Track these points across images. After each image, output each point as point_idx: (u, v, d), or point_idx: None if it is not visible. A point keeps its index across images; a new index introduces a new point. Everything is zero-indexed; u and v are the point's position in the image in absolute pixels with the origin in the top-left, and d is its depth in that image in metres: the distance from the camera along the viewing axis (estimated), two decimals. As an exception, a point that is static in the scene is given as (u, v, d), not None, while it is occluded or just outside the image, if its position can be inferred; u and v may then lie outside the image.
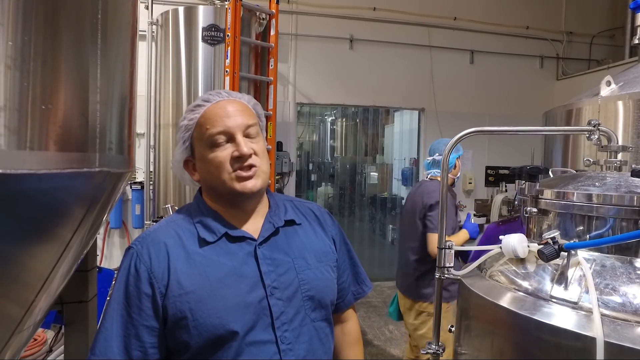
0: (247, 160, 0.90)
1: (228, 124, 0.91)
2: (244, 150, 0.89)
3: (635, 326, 0.93)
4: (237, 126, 0.91)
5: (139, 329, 0.84)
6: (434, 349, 1.52)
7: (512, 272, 1.20)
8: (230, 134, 0.91)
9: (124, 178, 1.06)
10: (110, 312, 0.86)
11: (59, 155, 0.70)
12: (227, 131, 0.91)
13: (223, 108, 0.93)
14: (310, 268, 0.96)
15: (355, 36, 5.38)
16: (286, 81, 5.20)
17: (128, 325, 0.85)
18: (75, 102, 0.75)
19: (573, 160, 1.70)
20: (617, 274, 1.02)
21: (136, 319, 0.85)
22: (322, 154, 7.74)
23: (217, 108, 0.94)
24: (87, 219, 0.91)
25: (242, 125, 0.92)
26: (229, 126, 0.91)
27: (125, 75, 1.04)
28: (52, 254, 0.85)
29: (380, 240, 6.57)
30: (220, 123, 0.91)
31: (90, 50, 0.80)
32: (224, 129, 0.91)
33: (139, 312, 0.85)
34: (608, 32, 6.05)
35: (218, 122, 0.92)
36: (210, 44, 3.59)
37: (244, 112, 0.94)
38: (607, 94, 1.64)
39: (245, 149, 0.90)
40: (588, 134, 1.30)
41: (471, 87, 5.71)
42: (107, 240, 4.82)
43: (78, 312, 1.44)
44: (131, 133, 1.12)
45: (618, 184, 1.13)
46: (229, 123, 0.91)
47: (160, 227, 0.95)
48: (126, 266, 0.88)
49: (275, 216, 0.99)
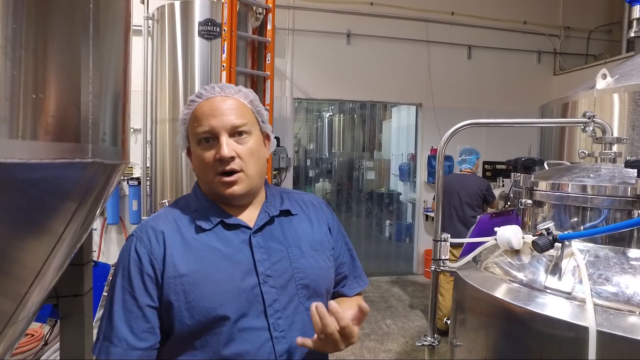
0: (229, 164, 0.90)
1: (213, 124, 0.90)
2: (224, 153, 0.88)
3: (628, 315, 0.94)
4: (223, 126, 0.90)
5: (145, 309, 0.86)
6: (430, 341, 1.53)
7: (507, 263, 1.21)
8: (215, 134, 0.90)
9: (118, 170, 1.06)
10: (115, 298, 0.87)
11: (50, 145, 0.70)
12: (211, 131, 0.91)
13: (212, 106, 0.92)
14: (305, 257, 0.97)
15: (352, 31, 5.37)
16: (283, 76, 5.19)
17: (133, 308, 0.86)
18: (67, 92, 0.75)
19: (569, 153, 1.71)
20: (611, 265, 1.03)
21: (141, 300, 0.86)
22: (320, 149, 7.73)
23: (206, 106, 0.93)
24: (80, 211, 0.90)
25: (228, 125, 0.91)
26: (213, 126, 0.90)
27: (119, 67, 1.03)
28: (44, 246, 0.84)
29: (377, 236, 6.59)
30: (206, 122, 0.91)
31: (82, 40, 0.79)
32: (208, 128, 0.91)
33: (145, 294, 0.86)
34: (605, 27, 6.05)
35: (204, 122, 0.91)
36: (206, 39, 3.57)
37: (236, 110, 0.93)
38: (602, 86, 1.64)
39: (226, 152, 0.88)
40: (583, 126, 1.30)
41: (468, 83, 5.71)
42: (105, 236, 4.82)
43: (74, 306, 1.44)
44: (125, 125, 1.11)
45: (612, 175, 1.14)
46: (214, 123, 0.90)
47: (159, 215, 0.97)
48: (127, 251, 0.90)
49: (270, 206, 1.00)
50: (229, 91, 0.96)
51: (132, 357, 0.85)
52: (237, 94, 0.96)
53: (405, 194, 6.46)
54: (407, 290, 5.14)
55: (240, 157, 0.91)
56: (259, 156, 0.96)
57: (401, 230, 6.30)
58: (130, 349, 0.85)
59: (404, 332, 3.88)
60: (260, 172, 0.97)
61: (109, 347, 0.85)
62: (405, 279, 5.62)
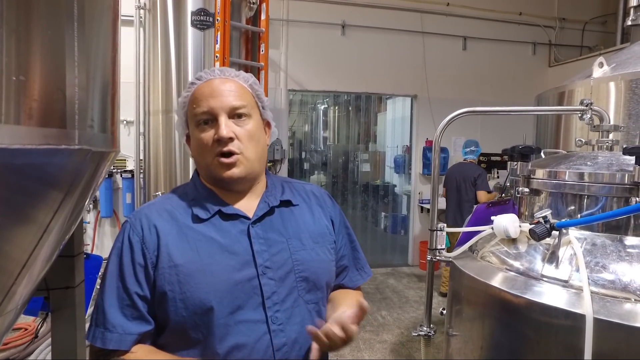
0: (227, 145, 0.88)
1: (212, 104, 0.89)
2: (223, 133, 0.87)
3: (624, 302, 0.93)
4: (222, 107, 0.89)
5: (134, 297, 0.85)
6: (426, 331, 1.52)
7: (503, 252, 1.20)
8: (214, 115, 0.89)
9: (108, 158, 1.03)
10: (107, 285, 0.87)
11: (34, 131, 0.67)
12: (210, 112, 0.89)
13: (211, 87, 0.91)
14: (305, 249, 0.95)
15: (347, 22, 5.31)
16: (277, 68, 5.13)
17: (124, 295, 0.85)
18: (51, 75, 0.72)
19: (565, 142, 1.70)
20: (608, 252, 1.02)
21: (131, 288, 0.85)
22: (315, 142, 7.69)
23: (205, 87, 0.91)
24: (67, 200, 0.87)
25: (227, 106, 0.89)
26: (212, 107, 0.89)
27: (107, 54, 1.00)
28: (29, 237, 0.81)
29: (372, 228, 6.59)
30: (205, 103, 0.89)
31: (67, 22, 0.76)
32: (207, 109, 0.89)
33: (135, 282, 0.85)
34: (600, 19, 6.04)
35: (203, 102, 0.90)
36: (199, 29, 3.51)
37: (235, 93, 0.91)
38: (599, 75, 1.63)
39: (225, 132, 0.87)
40: (580, 114, 1.29)
41: (463, 74, 5.69)
42: (98, 229, 4.78)
43: (65, 298, 1.41)
44: (115, 112, 1.08)
45: (610, 162, 1.13)
46: (213, 104, 0.89)
47: (155, 202, 0.95)
48: (120, 238, 0.89)
49: (271, 196, 0.97)
50: (229, 74, 0.95)
51: (128, 341, 0.84)
52: (237, 77, 0.95)
53: (400, 186, 6.45)
54: (402, 282, 5.16)
55: (239, 139, 0.89)
56: (258, 141, 0.94)
57: (396, 222, 6.30)
58: (125, 334, 0.84)
59: (399, 323, 3.90)
60: (260, 157, 0.95)
61: (104, 333, 0.84)
62: (400, 271, 5.64)
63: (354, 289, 1.10)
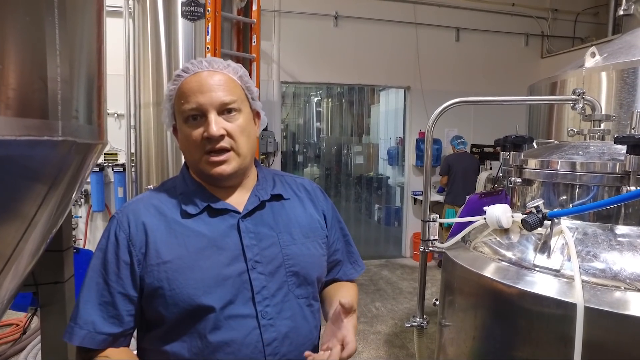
0: (219, 143, 0.85)
1: (201, 100, 0.85)
2: (213, 131, 0.84)
3: (614, 290, 0.93)
4: (211, 104, 0.85)
5: (115, 296, 0.84)
6: (419, 322, 1.53)
7: (496, 242, 1.20)
8: (203, 111, 0.86)
9: (94, 150, 1.01)
10: (87, 280, 0.85)
11: (13, 121, 0.65)
12: (199, 108, 0.86)
13: (199, 82, 0.87)
14: (296, 243, 0.93)
15: (340, 13, 5.27)
16: (270, 59, 5.08)
17: (104, 292, 0.84)
18: (30, 64, 0.69)
19: (557, 132, 1.70)
20: (599, 241, 1.02)
21: (113, 286, 0.84)
22: (308, 134, 7.66)
23: (193, 81, 0.88)
24: (52, 193, 0.85)
25: (217, 102, 0.86)
26: (201, 103, 0.85)
27: (91, 44, 0.98)
28: (12, 231, 0.79)
29: (366, 220, 6.60)
30: (193, 99, 0.86)
31: (46, 10, 0.73)
32: (196, 105, 0.86)
33: (117, 280, 0.84)
34: (592, 10, 6.05)
35: (191, 98, 0.86)
36: (190, 20, 3.45)
37: (225, 87, 0.88)
38: (591, 65, 1.63)
39: (215, 130, 0.84)
40: (573, 103, 1.29)
41: (457, 65, 5.68)
42: (90, 223, 4.73)
43: (54, 293, 1.40)
44: (101, 103, 1.06)
45: (601, 152, 1.13)
46: (202, 100, 0.85)
47: (142, 197, 0.93)
48: (106, 235, 0.87)
49: (262, 190, 0.95)
50: (217, 65, 0.90)
51: (97, 340, 0.83)
52: (226, 69, 0.91)
53: (393, 178, 6.46)
54: (396, 273, 5.18)
55: (231, 135, 0.87)
56: (249, 134, 0.91)
57: (390, 214, 6.32)
58: (95, 332, 0.82)
59: (393, 314, 3.92)
60: (251, 150, 0.93)
61: (73, 328, 0.83)
62: (394, 262, 5.67)
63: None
